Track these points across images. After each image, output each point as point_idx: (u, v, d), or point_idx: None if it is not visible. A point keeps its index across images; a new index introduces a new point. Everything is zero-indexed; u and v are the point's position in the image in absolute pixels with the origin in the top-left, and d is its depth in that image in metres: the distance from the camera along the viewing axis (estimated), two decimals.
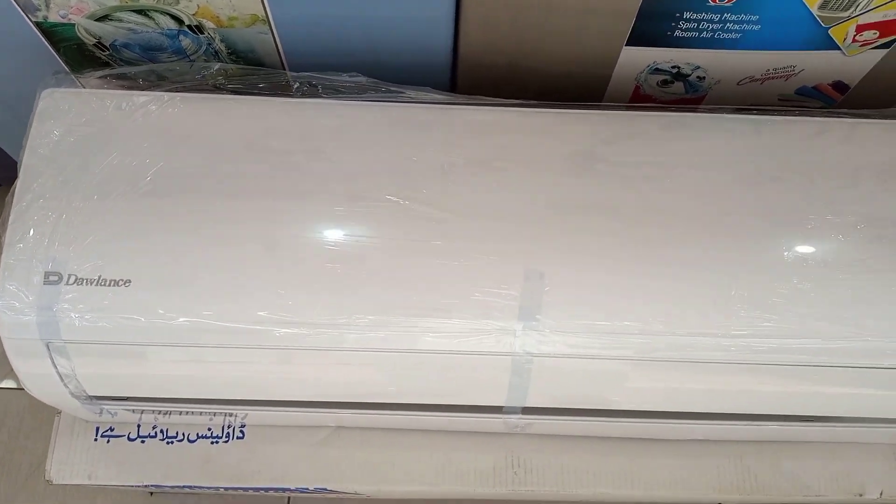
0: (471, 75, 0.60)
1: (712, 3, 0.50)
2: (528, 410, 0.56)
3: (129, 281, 0.48)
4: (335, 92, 0.53)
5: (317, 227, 0.50)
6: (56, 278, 0.48)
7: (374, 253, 0.49)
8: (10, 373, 0.54)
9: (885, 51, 0.55)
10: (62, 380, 0.52)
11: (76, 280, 0.48)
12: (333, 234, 0.50)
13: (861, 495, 0.63)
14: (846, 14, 0.51)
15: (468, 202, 0.51)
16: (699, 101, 0.61)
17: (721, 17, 0.52)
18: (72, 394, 0.53)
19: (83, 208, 0.49)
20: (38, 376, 0.52)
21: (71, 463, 0.62)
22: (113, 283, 0.48)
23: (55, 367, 0.51)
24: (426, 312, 0.49)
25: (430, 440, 0.64)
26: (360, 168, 0.51)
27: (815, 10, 0.51)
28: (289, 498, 0.86)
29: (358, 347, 0.49)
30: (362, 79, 0.53)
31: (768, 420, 0.57)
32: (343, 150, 0.52)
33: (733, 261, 0.50)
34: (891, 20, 0.52)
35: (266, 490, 0.63)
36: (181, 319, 0.48)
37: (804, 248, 0.51)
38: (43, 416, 0.88)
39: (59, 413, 0.63)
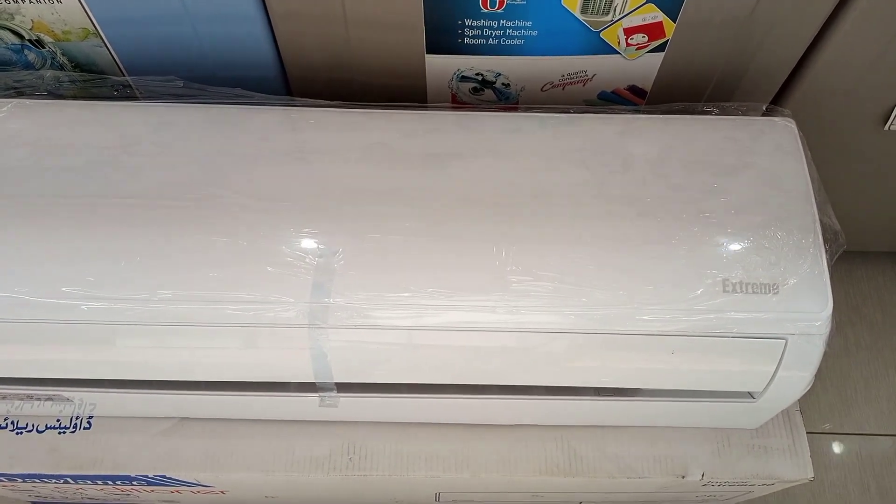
0: (302, 84, 0.66)
1: (485, 10, 0.56)
2: (341, 387, 0.59)
3: None
4: (154, 96, 0.59)
5: (129, 209, 0.54)
6: None
7: (181, 234, 0.54)
8: None
9: (661, 54, 0.61)
10: None
11: None
12: (143, 215, 0.54)
13: (683, 476, 0.66)
14: (608, 18, 0.57)
15: (271, 190, 0.56)
16: (514, 109, 0.67)
17: (499, 24, 0.58)
18: None
19: None
20: None
21: None
22: None
23: None
24: (229, 287, 0.53)
25: (270, 429, 0.67)
26: (173, 162, 0.57)
27: (579, 15, 0.57)
28: None
29: (162, 321, 0.53)
30: (179, 82, 0.58)
31: (564, 394, 0.61)
32: (159, 149, 0.57)
33: (509, 235, 0.54)
34: (653, 23, 0.58)
35: (109, 479, 0.66)
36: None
37: (579, 224, 0.55)
38: None
39: None
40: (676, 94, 0.65)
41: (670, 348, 0.55)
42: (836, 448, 0.92)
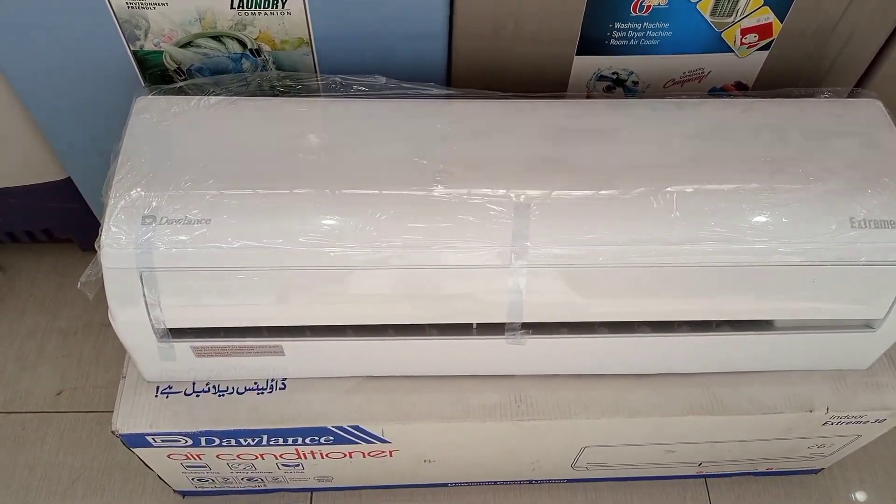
0: (463, 78, 0.78)
1: (634, 14, 0.70)
2: (526, 327, 0.68)
3: (209, 220, 0.62)
4: (357, 90, 0.70)
5: (353, 174, 0.65)
6: (151, 220, 0.62)
7: (400, 194, 0.64)
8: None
9: (766, 52, 0.75)
10: (148, 310, 0.64)
11: (167, 221, 0.62)
12: (361, 179, 0.65)
13: (811, 411, 0.75)
14: (731, 19, 0.71)
15: (468, 162, 0.67)
16: None
17: (642, 26, 0.71)
18: (152, 326, 0.65)
19: (172, 172, 0.64)
20: (128, 307, 0.63)
21: (134, 415, 0.72)
22: (196, 222, 0.62)
23: (144, 295, 0.63)
24: (442, 235, 0.63)
25: (445, 385, 0.75)
26: (385, 140, 0.68)
27: (708, 17, 0.71)
28: (311, 495, 0.93)
29: (390, 265, 0.63)
30: (382, 79, 0.70)
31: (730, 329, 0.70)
32: (368, 131, 0.68)
33: (670, 190, 0.65)
34: (763, 24, 0.72)
35: (302, 434, 0.73)
36: (247, 243, 0.61)
37: (727, 179, 0.66)
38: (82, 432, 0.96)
39: (124, 377, 0.74)
40: (774, 87, 0.78)
41: (811, 277, 0.66)
42: None
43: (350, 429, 0.73)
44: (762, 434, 0.80)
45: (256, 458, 0.78)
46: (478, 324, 0.69)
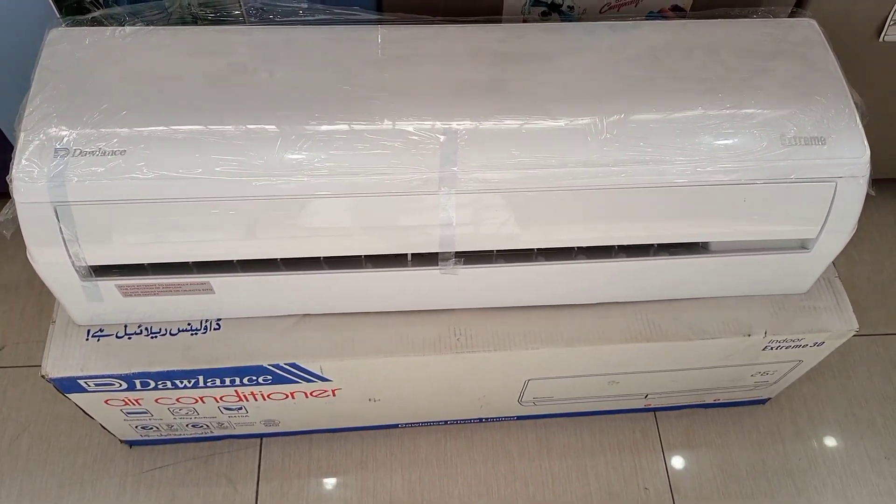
0: (395, 4, 0.75)
1: None
2: (460, 256, 0.67)
3: (124, 151, 0.60)
4: (282, 17, 0.68)
5: (276, 103, 0.63)
6: (64, 153, 0.60)
7: (325, 119, 0.62)
8: None
9: None
10: (66, 246, 0.62)
11: (80, 153, 0.60)
12: (282, 105, 0.63)
13: (749, 335, 0.75)
14: None
15: (395, 88, 0.65)
16: None
17: None
18: (73, 264, 0.63)
19: (85, 104, 0.61)
20: (45, 245, 0.61)
21: (65, 359, 0.70)
22: (111, 153, 0.60)
23: (61, 232, 0.61)
24: (370, 161, 0.62)
25: (384, 321, 0.74)
26: (309, 66, 0.66)
27: None
28: (261, 441, 0.92)
29: (315, 193, 0.61)
30: (304, 3, 0.68)
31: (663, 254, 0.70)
32: (293, 59, 0.66)
33: (602, 110, 0.64)
34: None
35: (239, 373, 0.72)
36: (164, 173, 0.59)
37: (659, 99, 0.65)
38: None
39: (53, 321, 0.72)
40: (711, 9, 0.77)
41: (742, 196, 0.65)
42: (856, 347, 1.03)
43: (287, 367, 0.72)
44: (703, 361, 0.80)
45: (196, 401, 0.77)
46: (412, 255, 0.68)
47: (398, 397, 0.82)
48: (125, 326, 0.72)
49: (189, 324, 0.72)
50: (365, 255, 0.68)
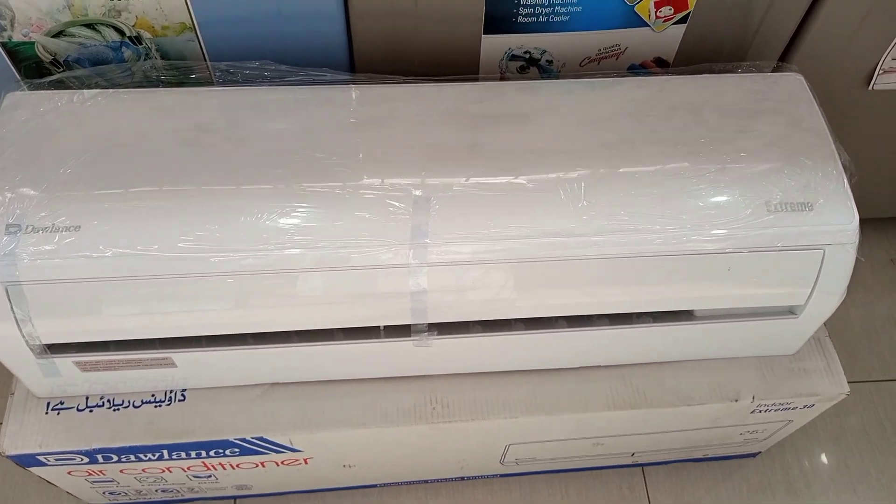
0: (366, 60, 0.73)
1: None
2: (434, 328, 0.65)
3: (78, 227, 0.57)
4: (250, 78, 0.65)
5: (241, 170, 0.60)
6: (15, 229, 0.57)
7: (289, 191, 0.60)
8: None
9: (684, 25, 0.71)
10: (18, 326, 0.59)
11: (32, 229, 0.57)
12: (248, 175, 0.60)
13: (736, 400, 0.72)
14: None
15: (365, 153, 0.62)
16: None
17: (549, 2, 0.67)
18: (27, 343, 0.60)
19: (39, 176, 0.59)
20: None
21: (23, 434, 0.67)
22: (64, 229, 0.57)
23: (13, 311, 0.58)
24: (335, 234, 0.59)
25: (356, 388, 0.71)
26: (274, 132, 0.63)
27: None
28: (234, 502, 0.89)
29: (278, 269, 0.58)
30: (272, 65, 0.65)
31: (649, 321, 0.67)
32: (259, 123, 0.64)
33: (578, 177, 0.62)
34: None
35: (205, 447, 0.69)
36: (120, 251, 0.56)
37: (638, 164, 0.63)
38: None
39: (12, 393, 0.69)
40: (695, 63, 0.75)
41: (726, 265, 0.63)
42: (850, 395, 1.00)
43: (255, 440, 0.69)
44: (690, 424, 0.78)
45: (163, 471, 0.74)
46: (384, 326, 0.66)
47: (374, 463, 0.80)
48: (86, 398, 0.69)
49: (153, 395, 0.70)
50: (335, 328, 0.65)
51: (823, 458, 0.96)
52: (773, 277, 0.64)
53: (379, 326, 0.65)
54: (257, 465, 0.75)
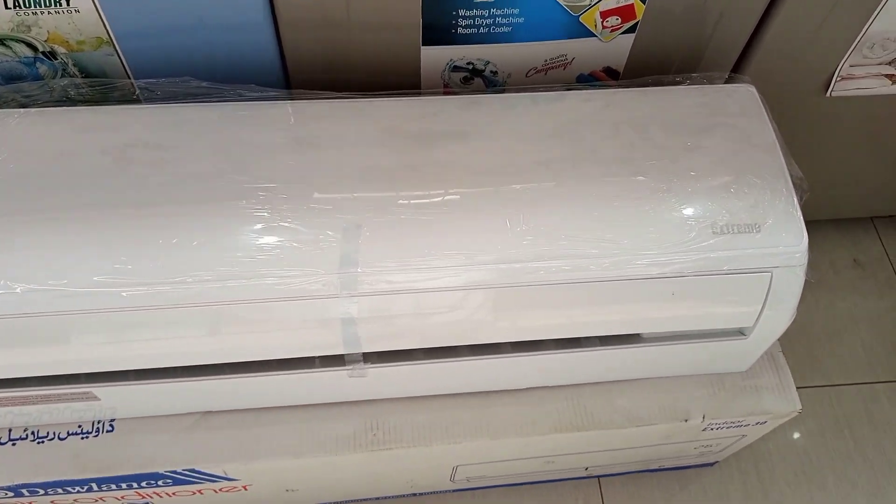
0: (302, 75, 0.70)
1: (478, 0, 0.62)
2: (368, 358, 0.62)
3: None
4: (174, 96, 0.62)
5: (157, 199, 0.57)
6: None
7: (208, 218, 0.56)
8: None
9: (632, 35, 0.68)
10: None
11: None
12: (172, 203, 0.57)
13: (686, 420, 0.71)
14: (587, 2, 0.64)
15: (292, 176, 0.59)
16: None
17: (490, 13, 0.63)
18: None
19: None
20: None
21: None
22: None
23: None
24: (260, 264, 0.56)
25: (292, 416, 0.69)
26: (194, 154, 0.59)
27: (561, 1, 0.63)
28: None
29: (197, 302, 0.55)
30: (194, 82, 0.61)
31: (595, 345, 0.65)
32: (180, 144, 0.60)
33: (516, 200, 0.59)
34: (626, 5, 0.65)
35: (135, 480, 0.66)
36: (24, 286, 0.53)
37: (580, 186, 0.60)
38: None
39: None
40: (646, 72, 0.72)
41: (670, 290, 0.60)
42: (809, 400, 0.99)
43: (186, 472, 0.66)
44: (641, 442, 0.76)
45: (96, 501, 0.72)
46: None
47: (317, 487, 0.77)
48: (9, 431, 0.66)
49: (80, 426, 0.67)
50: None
51: (781, 465, 0.95)
52: (720, 301, 0.62)
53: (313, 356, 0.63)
54: (195, 493, 0.72)
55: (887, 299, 1.08)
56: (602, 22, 0.66)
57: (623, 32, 0.68)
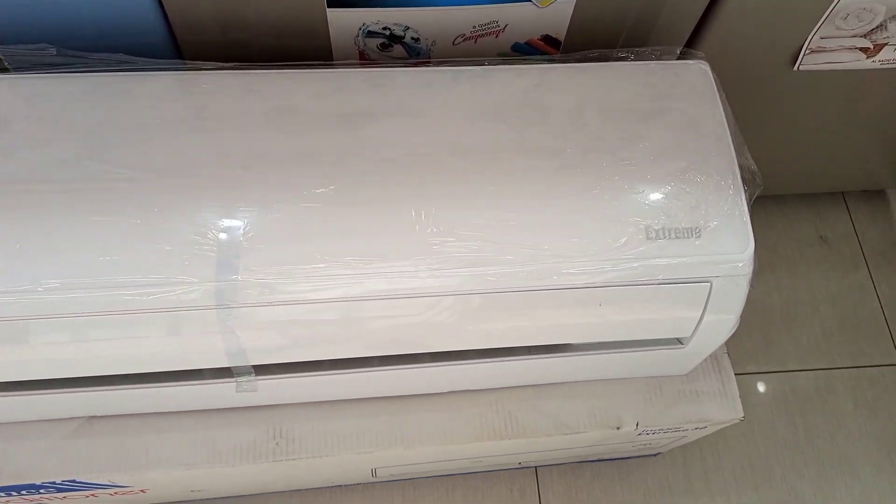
0: (194, 49, 0.61)
1: None
2: (259, 370, 0.56)
3: None
4: (26, 67, 0.53)
5: (2, 193, 0.49)
6: None
7: (63, 217, 0.49)
8: None
9: (573, 1, 0.59)
10: None
11: None
12: (20, 198, 0.49)
13: (618, 428, 0.65)
14: None
15: (164, 162, 0.51)
16: (426, 65, 0.64)
17: None
18: None
19: None
20: None
21: None
22: None
23: None
24: (123, 271, 0.48)
25: (187, 421, 0.62)
26: (48, 138, 0.51)
27: None
28: None
29: (51, 313, 0.48)
30: (52, 50, 0.52)
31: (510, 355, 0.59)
32: (30, 123, 0.51)
33: (427, 196, 0.51)
34: None
35: (13, 490, 0.60)
36: None
37: (499, 181, 0.53)
38: None
39: None
40: (591, 42, 0.63)
41: (598, 300, 0.54)
42: (762, 387, 0.95)
43: (67, 483, 0.61)
44: (569, 446, 0.71)
45: None
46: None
47: (224, 487, 0.72)
48: None
49: None
50: None
51: (728, 455, 0.91)
52: (654, 311, 0.56)
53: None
54: (88, 496, 0.67)
55: (850, 278, 1.02)
56: None
57: None
